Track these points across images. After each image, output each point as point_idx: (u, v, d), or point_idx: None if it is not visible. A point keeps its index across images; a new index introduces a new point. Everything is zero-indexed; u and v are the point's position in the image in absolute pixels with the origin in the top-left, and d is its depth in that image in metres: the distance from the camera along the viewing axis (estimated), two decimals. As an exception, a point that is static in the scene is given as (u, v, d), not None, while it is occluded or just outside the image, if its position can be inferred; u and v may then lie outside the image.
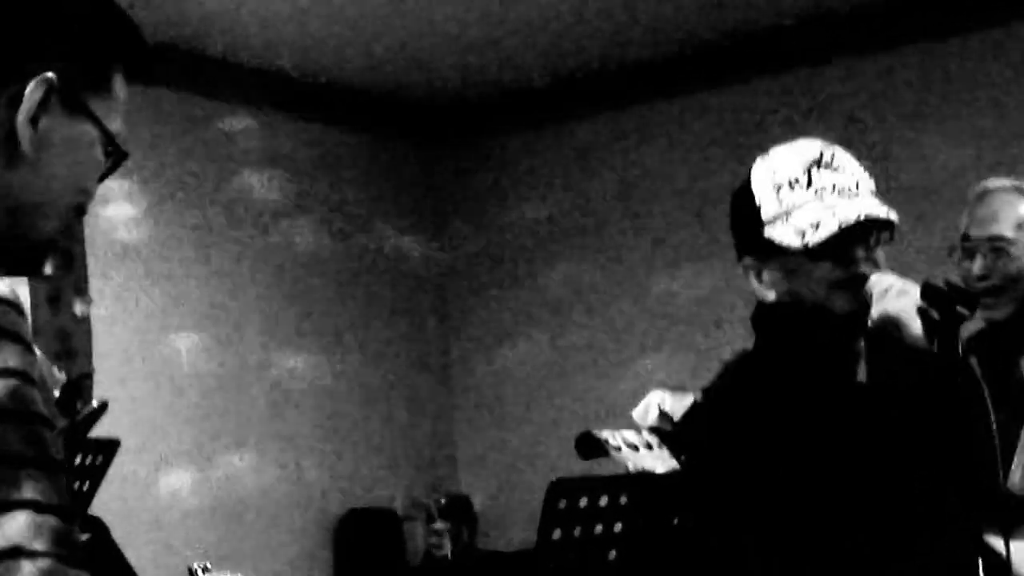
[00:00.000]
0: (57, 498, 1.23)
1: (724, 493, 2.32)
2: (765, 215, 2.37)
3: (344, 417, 7.22)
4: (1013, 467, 2.62)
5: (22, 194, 1.40)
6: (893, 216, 2.32)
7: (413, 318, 7.62)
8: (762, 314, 2.44)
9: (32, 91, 1.40)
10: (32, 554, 1.19)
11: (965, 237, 3.27)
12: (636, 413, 3.60)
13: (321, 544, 7.02)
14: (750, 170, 2.44)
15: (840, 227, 2.28)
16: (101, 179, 1.48)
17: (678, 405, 3.48)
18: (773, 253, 2.36)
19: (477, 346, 7.63)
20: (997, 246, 3.20)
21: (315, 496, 7.04)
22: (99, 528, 5.00)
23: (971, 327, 2.81)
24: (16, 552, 1.18)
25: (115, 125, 1.47)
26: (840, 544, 2.23)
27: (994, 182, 3.34)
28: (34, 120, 1.40)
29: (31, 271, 1.41)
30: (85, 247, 6.02)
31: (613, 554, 2.90)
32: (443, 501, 6.92)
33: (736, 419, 2.34)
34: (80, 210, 1.47)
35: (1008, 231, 3.22)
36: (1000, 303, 3.17)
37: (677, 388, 3.75)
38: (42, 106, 1.41)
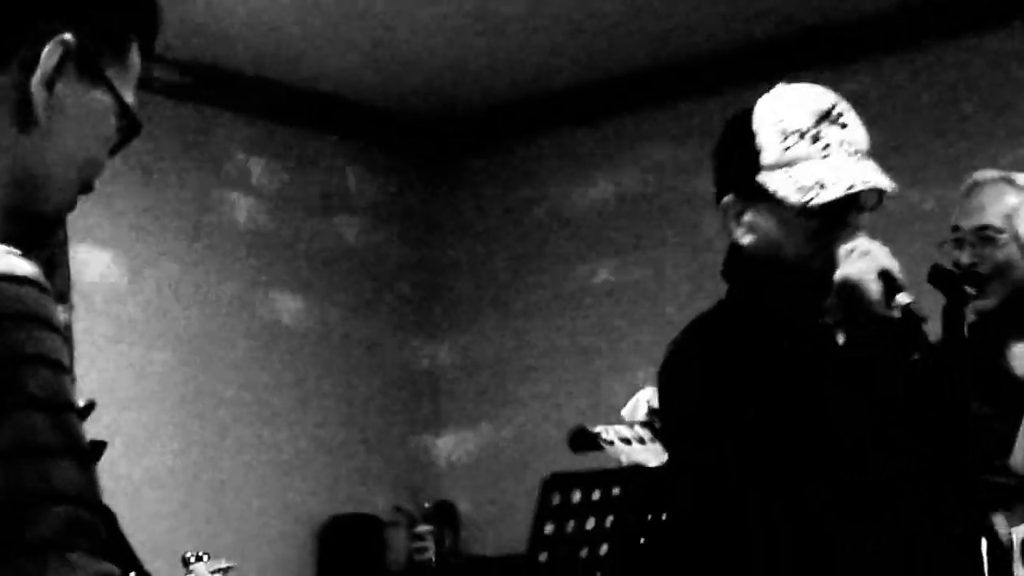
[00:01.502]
0: (88, 490, 1.21)
1: (700, 441, 2.28)
2: (765, 160, 2.32)
3: (327, 423, 7.20)
4: (1016, 448, 2.63)
5: (33, 163, 1.35)
6: (893, 186, 2.30)
7: (396, 322, 7.60)
8: (736, 258, 2.40)
9: (49, 53, 1.34)
10: (64, 546, 1.17)
11: (955, 228, 3.31)
12: (626, 411, 3.61)
13: (304, 552, 6.98)
14: (750, 106, 2.38)
15: (845, 192, 2.26)
16: (112, 153, 1.43)
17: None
18: (762, 198, 2.32)
19: (462, 349, 7.61)
20: (985, 235, 3.24)
21: (298, 503, 7.02)
22: (108, 517, 4.99)
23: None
24: (49, 545, 1.17)
25: (129, 97, 1.41)
26: (813, 494, 2.21)
27: (983, 174, 3.39)
28: (49, 84, 1.34)
29: (37, 246, 1.35)
30: (68, 253, 6.00)
31: (605, 548, 2.91)
32: (427, 506, 6.90)
33: (710, 365, 2.29)
34: (88, 185, 1.41)
35: (996, 220, 3.27)
36: (988, 292, 3.19)
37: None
38: (58, 70, 1.34)
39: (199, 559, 4.32)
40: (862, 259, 2.24)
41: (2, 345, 1.19)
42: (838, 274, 2.25)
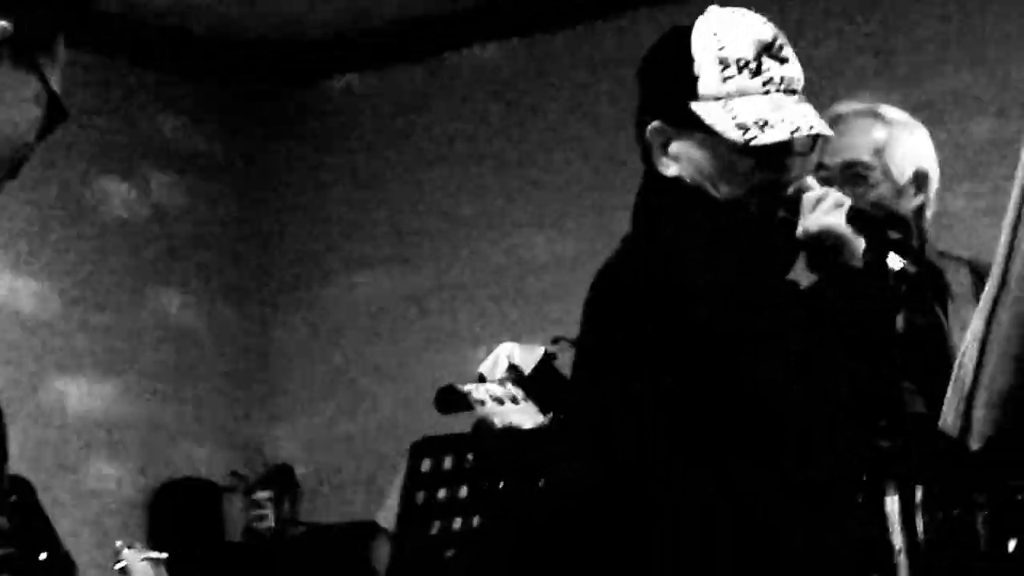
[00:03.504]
0: None
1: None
2: (702, 89, 2.18)
3: (156, 384, 6.92)
4: (945, 409, 2.47)
5: None
6: (830, 132, 2.26)
7: (227, 273, 7.33)
8: (655, 188, 2.24)
9: None
10: None
11: (819, 166, 2.98)
12: (485, 367, 3.41)
13: (134, 519, 6.73)
14: (685, 27, 2.23)
15: (790, 135, 2.15)
16: (39, 139, 1.47)
17: (528, 358, 3.30)
18: (695, 127, 2.18)
19: (297, 305, 7.37)
20: (854, 173, 2.94)
21: (128, 469, 6.72)
22: (25, 490, 4.71)
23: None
24: None
25: (56, 86, 1.47)
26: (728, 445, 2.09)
27: (847, 105, 3.10)
28: None
29: None
30: None
31: (478, 519, 2.71)
32: (263, 470, 6.70)
33: (620, 310, 2.16)
34: (15, 170, 1.46)
35: (865, 156, 2.96)
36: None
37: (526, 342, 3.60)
38: None
39: (130, 547, 4.47)
40: (839, 212, 2.17)
41: None
42: (813, 224, 2.17)
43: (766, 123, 2.14)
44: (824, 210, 2.18)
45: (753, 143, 2.14)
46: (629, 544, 2.07)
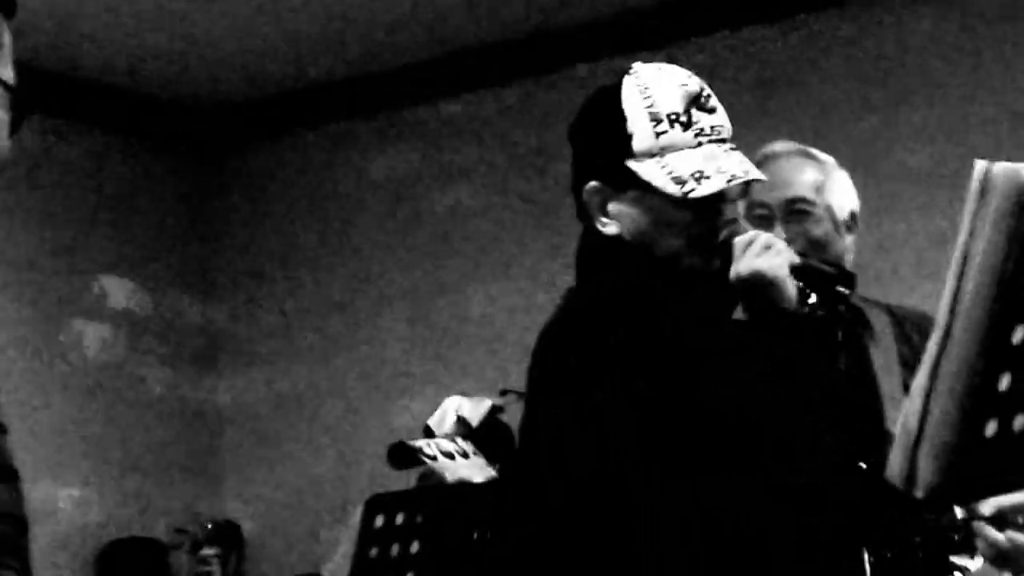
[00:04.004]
0: (15, 508, 1.21)
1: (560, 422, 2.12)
2: (636, 146, 2.20)
3: (98, 442, 6.85)
4: (892, 458, 2.49)
5: None
6: (764, 177, 2.26)
7: (174, 338, 7.29)
8: (596, 247, 2.25)
9: None
10: None
11: (758, 204, 2.98)
12: (432, 421, 3.42)
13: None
14: (614, 86, 2.26)
15: (727, 184, 2.17)
16: (12, 132, 1.39)
17: (476, 411, 3.32)
18: (631, 185, 2.20)
19: (244, 363, 7.33)
20: (798, 208, 2.95)
21: (71, 530, 6.65)
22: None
23: None
24: None
25: (8, 74, 1.37)
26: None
27: (781, 145, 3.13)
28: None
29: None
30: None
31: (432, 573, 2.71)
32: (209, 527, 6.66)
33: (569, 367, 2.16)
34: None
35: (809, 193, 2.98)
36: None
37: (473, 395, 3.61)
38: None
39: None
40: (769, 254, 2.17)
41: None
42: (744, 268, 2.17)
43: (702, 174, 2.16)
44: (755, 253, 2.19)
45: (691, 196, 2.15)
46: (609, 558, 2.07)
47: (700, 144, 2.19)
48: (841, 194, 3.03)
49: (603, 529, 2.06)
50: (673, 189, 2.16)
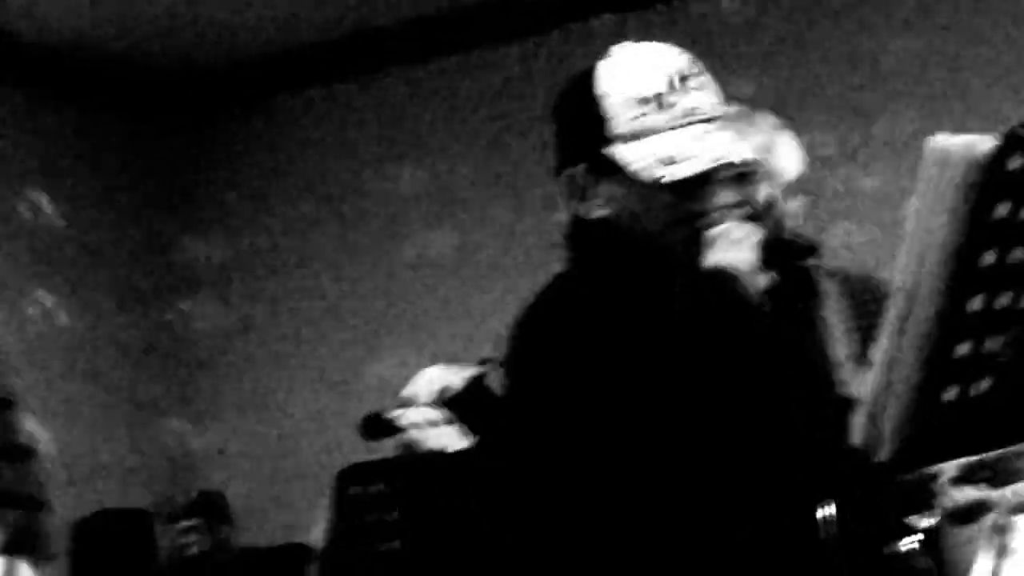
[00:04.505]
0: (27, 487, 1.19)
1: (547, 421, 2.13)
2: (614, 131, 2.18)
3: (82, 412, 6.87)
4: (855, 423, 2.51)
5: None
6: (749, 156, 2.23)
7: (147, 300, 7.30)
8: (584, 231, 2.24)
9: None
10: (11, 552, 1.13)
11: None
12: (409, 390, 3.42)
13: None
14: (590, 69, 2.23)
15: (703, 167, 2.15)
16: None
17: (455, 378, 3.32)
18: (612, 169, 2.18)
19: (222, 327, 7.35)
20: (742, 171, 2.88)
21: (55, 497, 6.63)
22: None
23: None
24: None
25: None
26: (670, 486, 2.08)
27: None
28: None
29: None
30: None
31: (406, 541, 2.73)
32: (193, 496, 6.66)
33: (558, 343, 2.15)
34: None
35: (749, 155, 3.05)
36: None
37: (451, 363, 3.61)
38: None
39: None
40: (736, 247, 2.16)
41: None
42: (711, 260, 2.15)
43: (676, 158, 2.14)
44: (724, 246, 2.19)
45: (667, 180, 2.14)
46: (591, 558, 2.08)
47: (680, 126, 2.17)
48: (788, 156, 3.02)
49: (587, 513, 2.08)
50: (647, 173, 2.15)
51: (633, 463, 2.06)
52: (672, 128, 2.17)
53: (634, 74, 2.20)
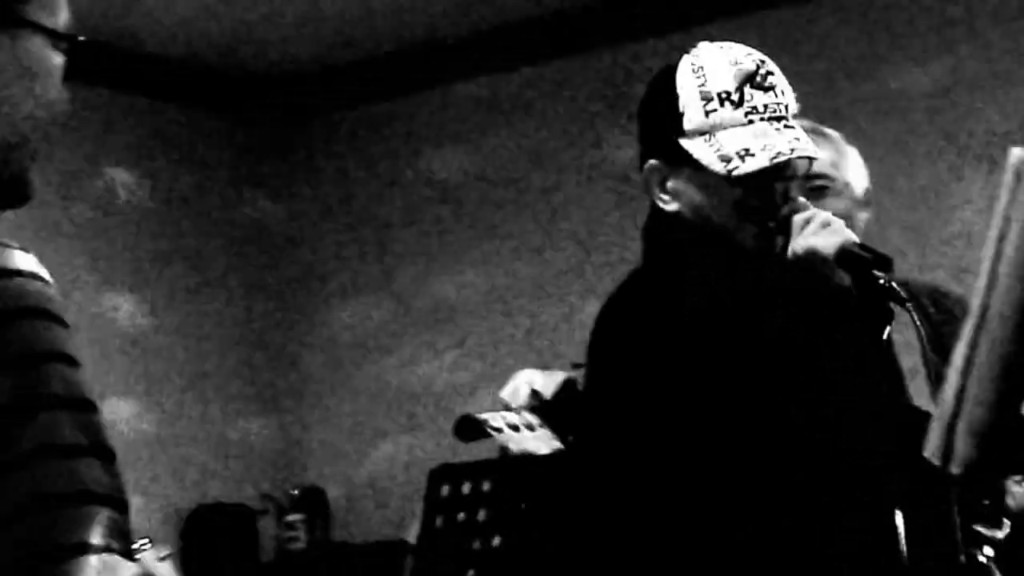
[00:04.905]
0: (113, 488, 1.19)
1: (629, 415, 2.18)
2: (688, 125, 2.26)
3: (188, 408, 7.00)
4: (930, 436, 2.52)
5: None
6: (820, 154, 2.29)
7: (256, 298, 7.41)
8: (659, 224, 2.31)
9: None
10: (99, 549, 1.15)
11: None
12: (505, 393, 3.48)
13: (166, 542, 6.76)
14: (672, 65, 2.31)
15: (770, 161, 2.20)
16: (68, 78, 1.37)
17: (549, 383, 3.37)
18: (685, 163, 2.26)
19: (324, 337, 7.44)
20: (818, 185, 2.95)
21: (160, 493, 6.78)
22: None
23: None
24: (84, 548, 1.15)
25: (62, 17, 1.34)
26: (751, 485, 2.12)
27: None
28: None
29: (20, 202, 1.33)
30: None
31: (497, 540, 2.79)
32: (295, 493, 6.77)
33: (636, 339, 2.21)
34: (56, 119, 1.37)
35: (826, 169, 2.98)
36: None
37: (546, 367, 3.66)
38: None
39: (142, 548, 4.28)
40: (825, 232, 2.20)
41: (17, 342, 1.17)
42: (800, 246, 2.19)
43: (747, 152, 2.20)
44: (811, 231, 2.22)
45: (735, 173, 2.20)
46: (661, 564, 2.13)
47: (751, 122, 2.22)
48: (856, 171, 3.06)
49: (667, 518, 2.12)
50: (719, 167, 2.20)
51: (712, 464, 2.09)
52: (743, 124, 2.23)
53: (708, 71, 2.26)
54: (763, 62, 2.29)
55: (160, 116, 7.08)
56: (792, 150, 2.23)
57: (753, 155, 2.20)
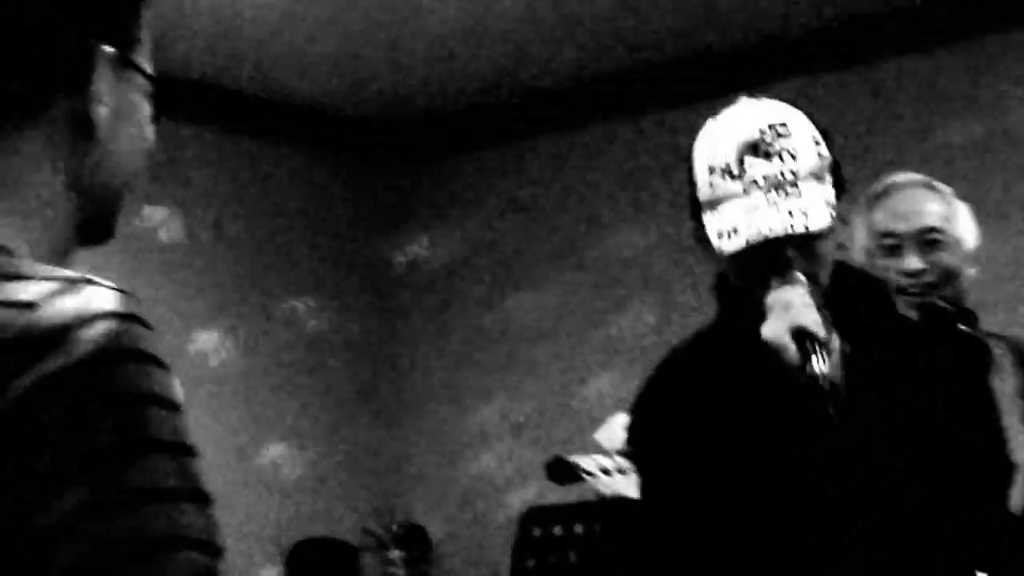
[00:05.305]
0: (212, 534, 1.19)
1: (670, 478, 2.22)
2: (700, 196, 2.20)
3: (295, 445, 7.08)
4: (1017, 488, 2.55)
5: (99, 175, 1.34)
6: (813, 227, 2.12)
7: (363, 337, 7.50)
8: (715, 282, 2.33)
9: (99, 75, 1.31)
10: None
11: (887, 234, 3.01)
12: (600, 436, 3.53)
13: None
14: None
15: (747, 243, 2.11)
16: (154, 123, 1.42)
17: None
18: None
19: (430, 371, 7.51)
20: (931, 239, 3.00)
21: (265, 527, 6.89)
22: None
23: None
24: None
25: (150, 66, 1.39)
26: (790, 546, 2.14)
27: (903, 176, 3.15)
28: (105, 102, 1.32)
29: (102, 241, 1.38)
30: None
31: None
32: (396, 528, 6.81)
33: (680, 400, 2.24)
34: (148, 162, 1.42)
35: (939, 223, 3.02)
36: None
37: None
38: (108, 84, 1.32)
39: None
40: (779, 316, 2.09)
41: (116, 386, 1.16)
42: (763, 331, 2.11)
43: (733, 230, 2.13)
44: (772, 315, 2.12)
45: (723, 252, 2.14)
46: None
47: (747, 194, 2.13)
48: (966, 226, 3.09)
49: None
50: (715, 243, 2.15)
51: (771, 528, 2.12)
52: (740, 196, 2.15)
53: (713, 142, 2.22)
54: (773, 127, 2.19)
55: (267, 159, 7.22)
56: (771, 228, 2.10)
57: (737, 233, 2.13)
